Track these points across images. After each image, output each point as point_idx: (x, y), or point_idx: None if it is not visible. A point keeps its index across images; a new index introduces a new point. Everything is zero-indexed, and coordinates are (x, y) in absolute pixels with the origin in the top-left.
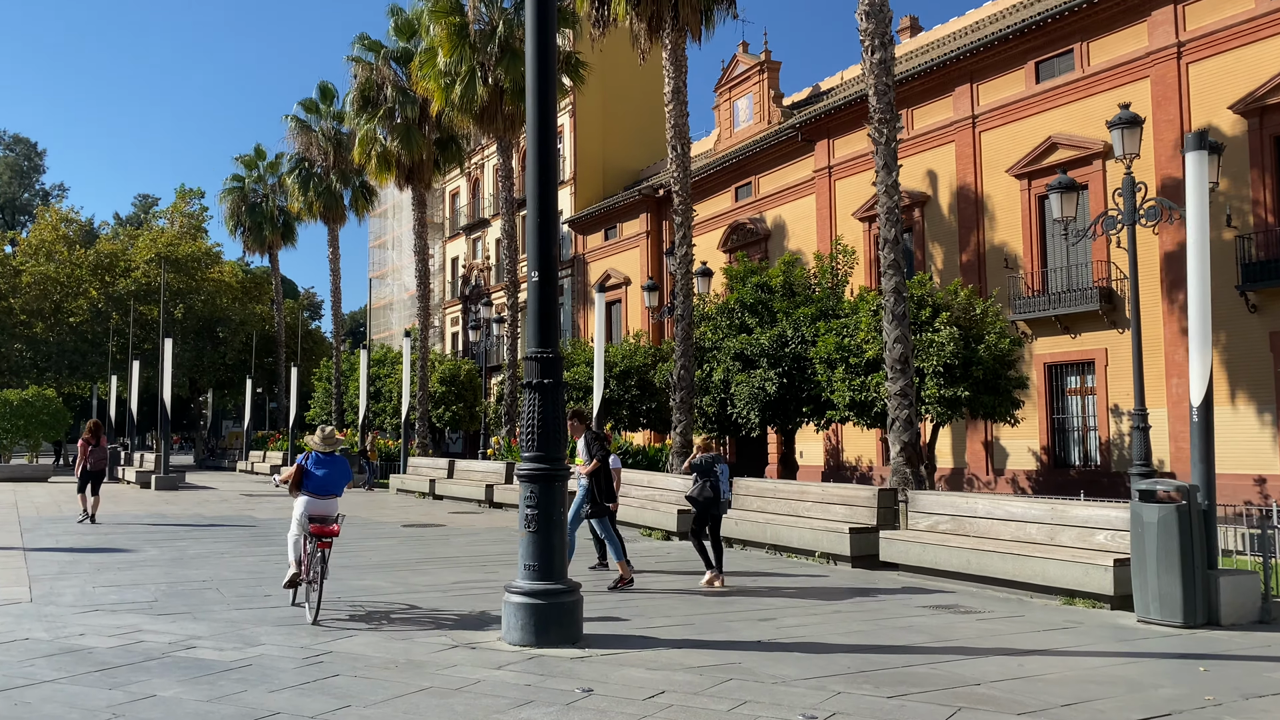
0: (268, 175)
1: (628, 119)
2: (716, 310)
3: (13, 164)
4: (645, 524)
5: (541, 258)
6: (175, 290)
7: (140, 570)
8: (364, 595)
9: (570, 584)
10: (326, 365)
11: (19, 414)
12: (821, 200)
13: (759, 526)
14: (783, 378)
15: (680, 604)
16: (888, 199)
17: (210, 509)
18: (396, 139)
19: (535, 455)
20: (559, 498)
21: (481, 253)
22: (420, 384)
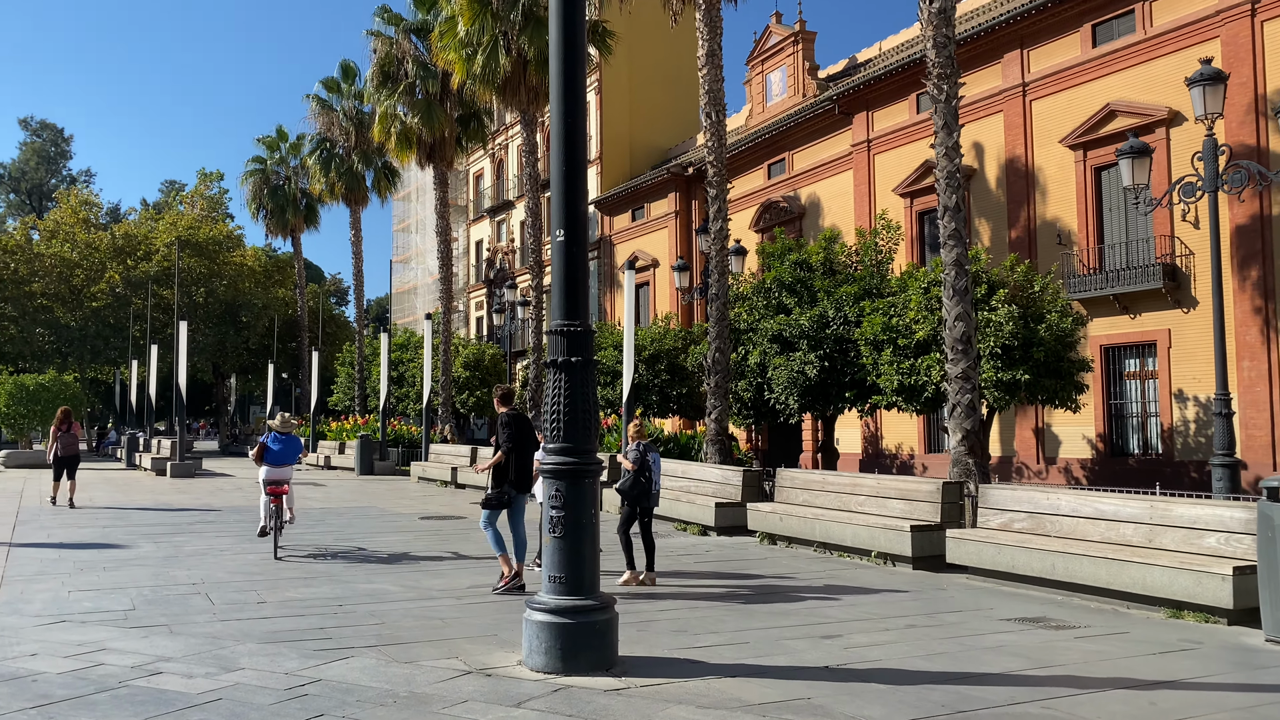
0: (290, 157)
1: (655, 96)
2: (752, 290)
3: (39, 150)
4: (680, 517)
5: (568, 215)
6: (197, 274)
7: (126, 570)
8: (368, 602)
9: (603, 599)
10: (349, 350)
11: (35, 399)
12: (860, 176)
13: (806, 523)
14: (824, 360)
15: (728, 615)
16: (948, 162)
17: (222, 498)
18: (417, 115)
19: (561, 447)
20: (590, 497)
21: (506, 235)
22: (443, 368)
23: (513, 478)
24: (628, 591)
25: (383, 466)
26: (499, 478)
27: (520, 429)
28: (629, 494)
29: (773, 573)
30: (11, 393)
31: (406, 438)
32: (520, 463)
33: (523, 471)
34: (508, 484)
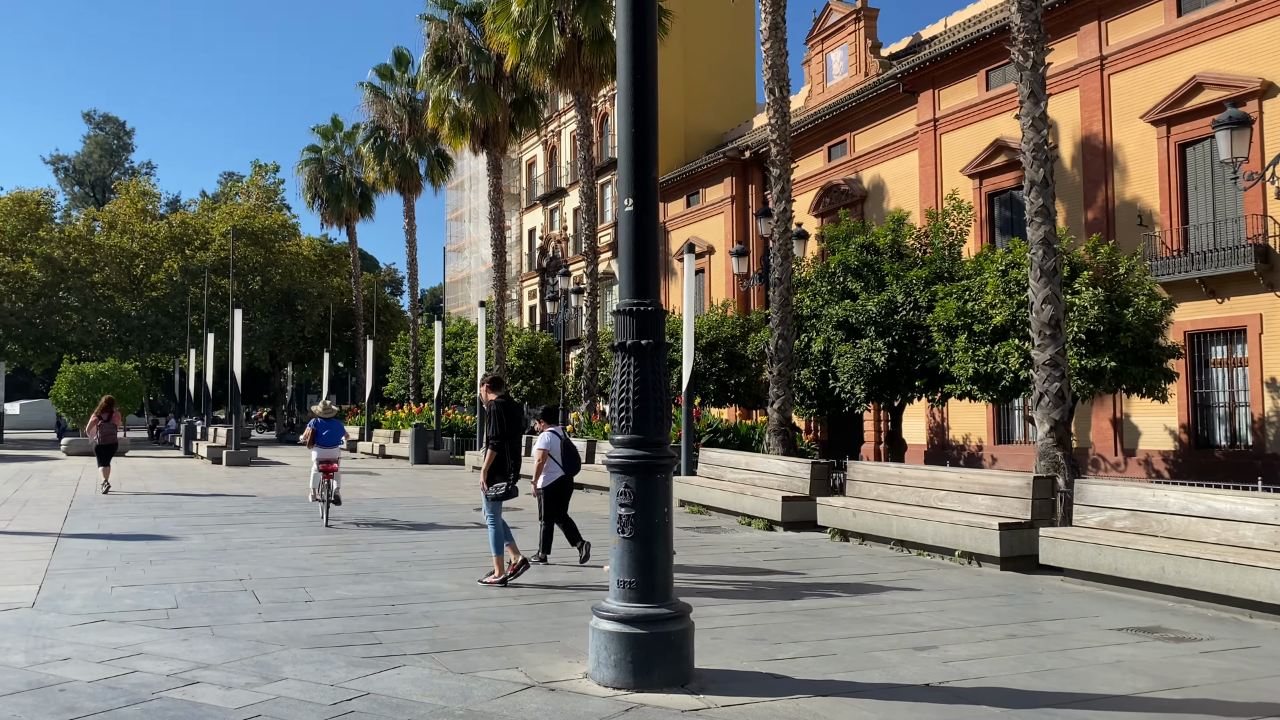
0: (344, 146)
1: (710, 80)
2: (816, 275)
3: (102, 143)
4: (744, 511)
5: (637, 181)
6: (253, 263)
7: (173, 564)
8: (422, 601)
9: (678, 606)
10: (404, 338)
11: (96, 387)
12: (925, 156)
13: (882, 519)
14: (892, 348)
15: (807, 621)
16: (1034, 134)
17: (275, 487)
18: (470, 100)
19: (630, 438)
20: (662, 494)
21: (559, 223)
22: (497, 357)
23: (512, 466)
24: (685, 587)
25: (437, 455)
26: (499, 471)
27: (510, 418)
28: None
29: (849, 573)
30: (73, 381)
31: (460, 426)
32: (518, 453)
33: (517, 461)
34: (511, 474)
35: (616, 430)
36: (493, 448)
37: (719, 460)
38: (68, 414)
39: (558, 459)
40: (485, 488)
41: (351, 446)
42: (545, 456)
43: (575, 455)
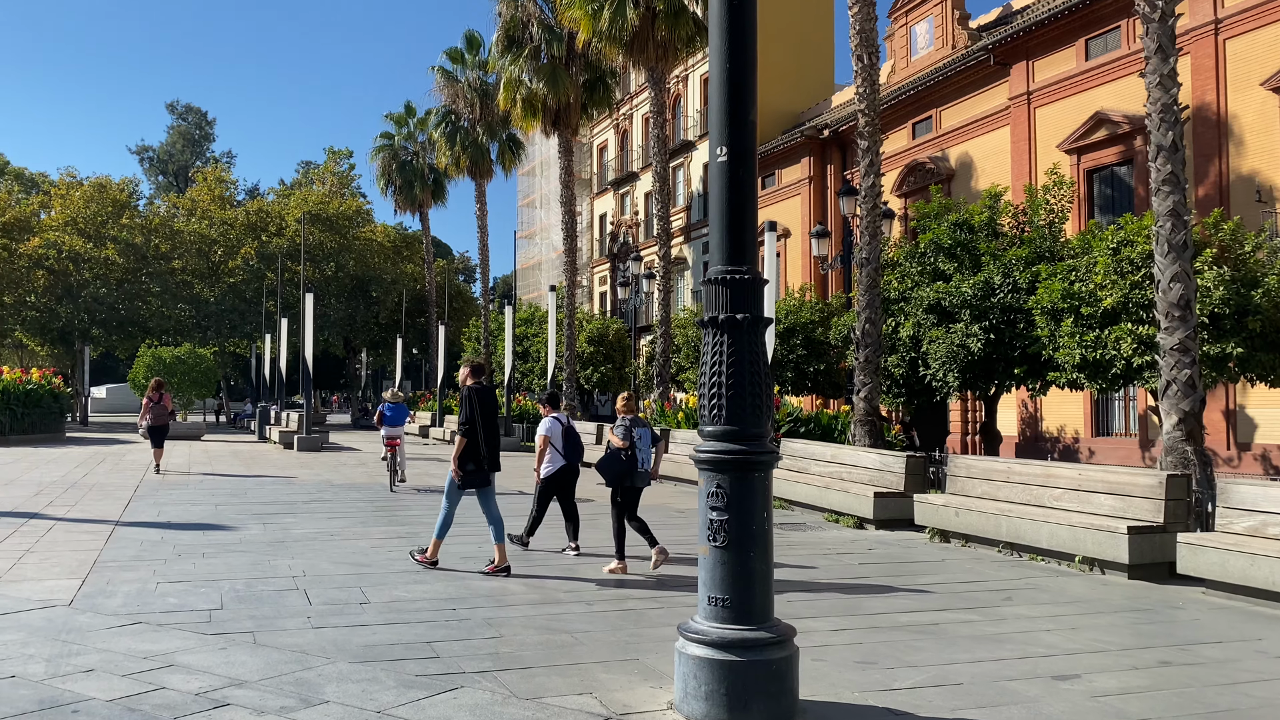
0: (417, 132)
1: (786, 57)
2: (904, 255)
3: (185, 133)
4: (831, 507)
5: (733, 126)
6: (328, 249)
7: (225, 558)
8: (486, 605)
9: (781, 629)
10: (475, 325)
11: (172, 371)
12: (1018, 132)
13: (989, 519)
14: (989, 333)
15: (921, 640)
16: (1162, 93)
17: (343, 474)
18: (542, 80)
19: (723, 430)
20: (762, 496)
21: (630, 208)
22: (567, 343)
23: (485, 454)
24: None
25: (507, 443)
26: (470, 457)
27: (483, 403)
28: (609, 472)
29: (958, 579)
30: (150, 365)
31: (531, 413)
32: (492, 440)
33: (494, 449)
34: (483, 461)
35: (706, 420)
36: (463, 434)
37: (802, 451)
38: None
39: (559, 446)
40: (456, 474)
41: (423, 432)
42: (547, 443)
43: (578, 443)
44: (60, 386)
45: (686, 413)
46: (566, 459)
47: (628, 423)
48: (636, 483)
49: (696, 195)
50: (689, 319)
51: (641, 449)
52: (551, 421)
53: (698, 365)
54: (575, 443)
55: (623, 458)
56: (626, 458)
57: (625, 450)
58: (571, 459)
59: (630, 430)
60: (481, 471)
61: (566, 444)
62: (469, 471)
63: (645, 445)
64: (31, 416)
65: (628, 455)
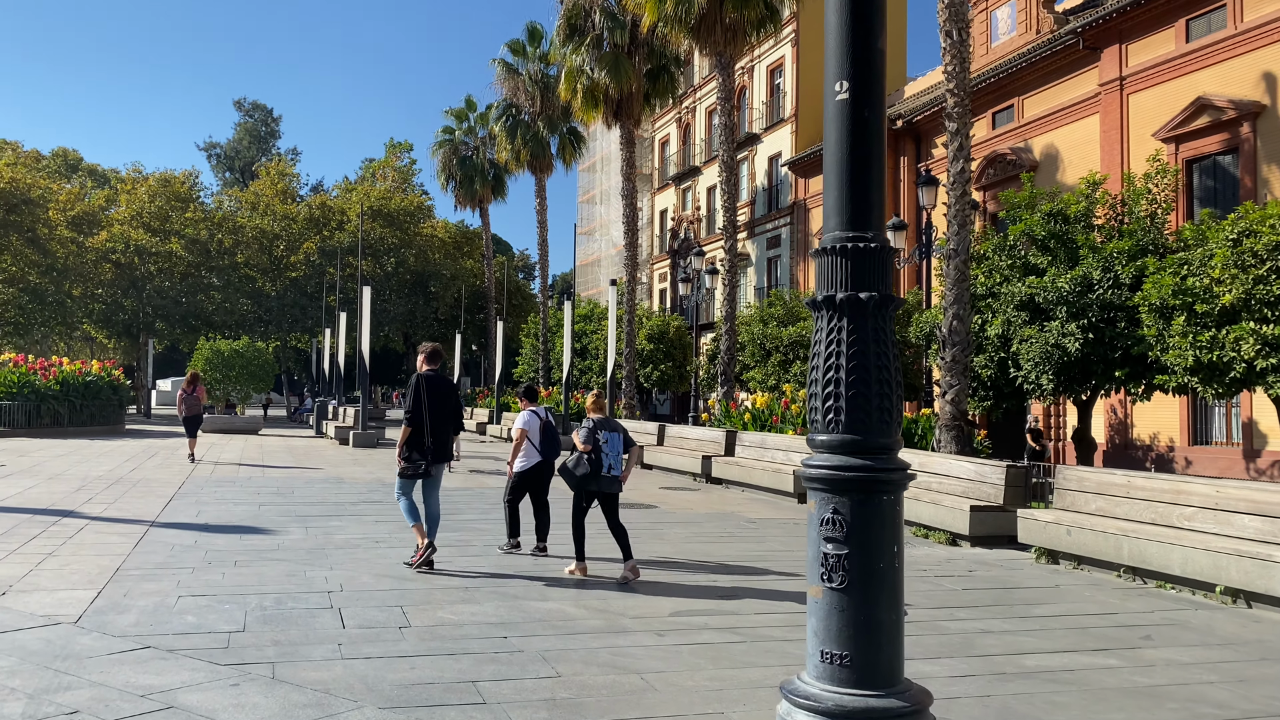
0: (478, 127)
1: None
2: (992, 248)
3: (251, 130)
4: (919, 521)
5: (856, 52)
6: (388, 244)
7: (259, 567)
8: (541, 632)
9: (913, 696)
10: (534, 321)
11: (230, 364)
12: (1109, 120)
13: (1108, 540)
14: (1086, 331)
15: (1058, 692)
16: None
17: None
18: (604, 69)
19: (841, 440)
20: (890, 525)
21: (692, 203)
22: (627, 340)
23: (430, 444)
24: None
25: (566, 442)
26: (414, 446)
27: (431, 392)
28: (569, 476)
29: (1082, 611)
30: (208, 358)
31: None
32: (438, 429)
33: (441, 439)
34: (427, 451)
35: (819, 427)
36: (407, 422)
37: None
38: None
39: (536, 442)
40: (400, 464)
41: (480, 429)
42: (524, 437)
43: (555, 439)
44: (120, 378)
45: (754, 414)
46: (543, 455)
47: (592, 424)
48: (602, 487)
49: (760, 189)
50: (754, 315)
51: (609, 453)
52: (529, 415)
53: (763, 364)
54: (553, 439)
55: (584, 461)
56: (590, 461)
57: (587, 454)
58: (548, 455)
59: (594, 433)
60: (425, 462)
61: (544, 439)
62: (412, 461)
63: (614, 449)
64: (91, 408)
65: (590, 459)
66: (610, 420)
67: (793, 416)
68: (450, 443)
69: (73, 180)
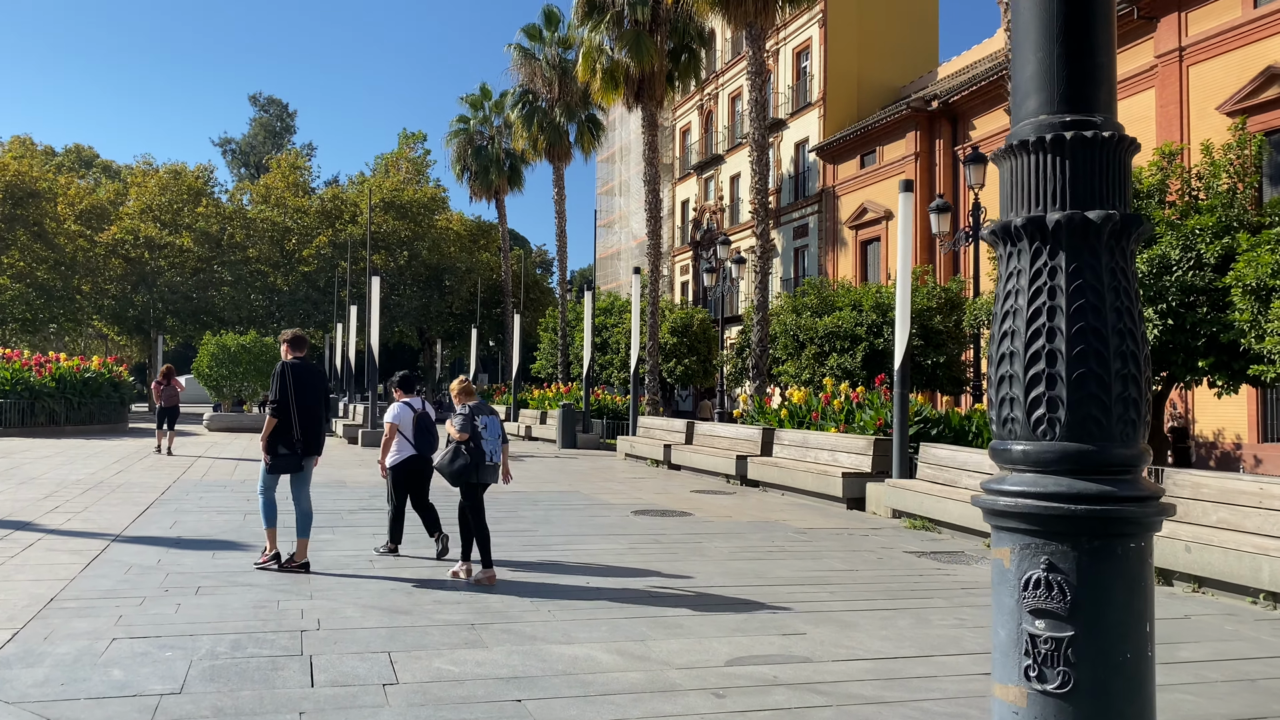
0: (493, 115)
1: (887, 29)
2: None
3: (266, 125)
4: (987, 530)
5: None
6: (401, 237)
7: (224, 596)
8: (563, 690)
9: None
10: (552, 314)
11: (236, 360)
12: (1166, 94)
13: (1239, 559)
14: (1165, 317)
15: None
16: None
17: None
18: (625, 47)
19: (1059, 452)
20: (1139, 592)
21: (715, 193)
22: (650, 333)
23: (299, 437)
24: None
25: (585, 440)
26: (281, 439)
27: (297, 381)
28: (450, 470)
29: (1237, 655)
30: (214, 354)
31: (611, 408)
32: (307, 420)
33: (311, 430)
34: (296, 445)
35: (1016, 429)
36: (272, 413)
37: (948, 459)
38: (209, 387)
39: (409, 435)
40: (265, 459)
41: None
42: (394, 431)
43: (431, 432)
44: (124, 375)
45: (790, 409)
46: (416, 449)
47: (468, 411)
48: (484, 478)
49: (786, 177)
50: (786, 306)
51: (488, 439)
52: (401, 407)
53: (796, 357)
54: (428, 432)
55: (463, 451)
56: (469, 450)
57: (466, 443)
58: (422, 449)
59: (471, 419)
60: (294, 456)
61: (417, 432)
62: (280, 456)
63: (493, 435)
64: (90, 406)
65: (470, 448)
66: (485, 405)
67: (834, 413)
68: (322, 435)
69: (87, 176)
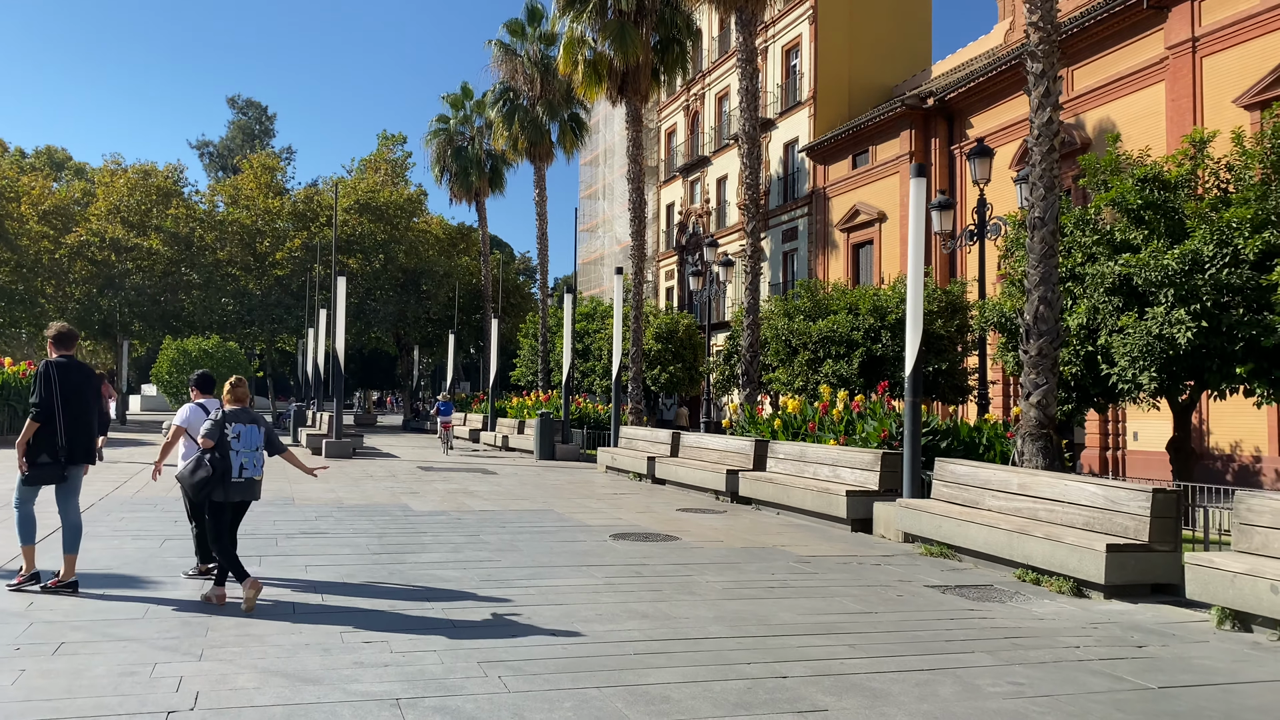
0: (474, 116)
1: (878, 25)
2: (1072, 223)
3: (245, 127)
4: (1028, 562)
5: None
6: (377, 240)
7: (91, 654)
8: None
9: None
10: (533, 320)
11: (197, 365)
12: (1177, 87)
13: None
14: (1199, 319)
15: None
16: None
17: (363, 490)
18: (609, 38)
19: None
20: None
21: (701, 196)
22: (634, 339)
23: (64, 443)
24: None
25: (565, 450)
26: (44, 446)
27: (65, 382)
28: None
29: None
30: (174, 359)
31: (592, 417)
32: (74, 426)
33: (78, 436)
34: (60, 452)
35: None
36: (34, 417)
37: (969, 477)
38: (168, 394)
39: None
40: (22, 466)
41: (474, 436)
42: (179, 435)
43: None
44: None
45: (784, 419)
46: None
47: (221, 416)
48: (231, 495)
49: (775, 179)
50: (777, 310)
51: (241, 450)
52: (192, 409)
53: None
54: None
55: (205, 462)
56: (211, 461)
57: (211, 452)
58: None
59: (221, 426)
60: (57, 465)
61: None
62: (40, 465)
63: (248, 446)
64: None
65: (213, 458)
66: (248, 411)
67: (833, 423)
68: (92, 441)
69: (61, 179)
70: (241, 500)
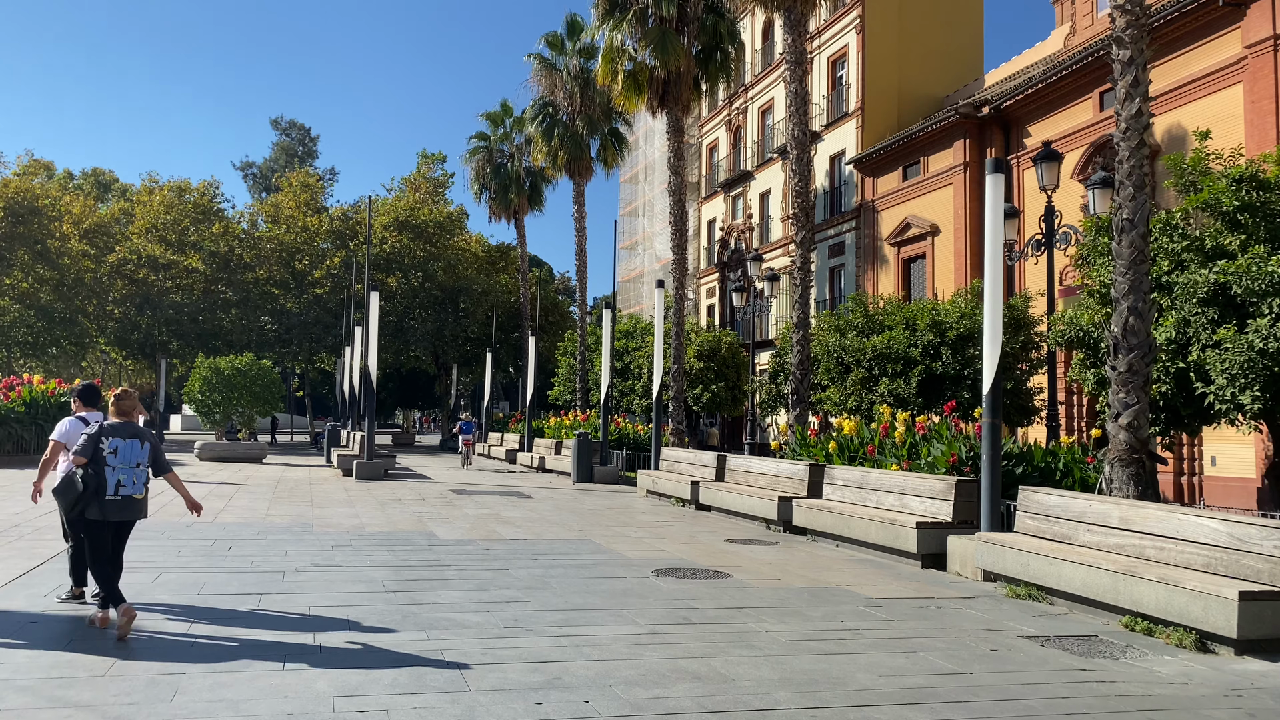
0: (514, 133)
1: (929, 37)
2: (1158, 228)
3: (288, 148)
4: (1137, 609)
5: None
6: (416, 258)
7: None
8: None
9: None
10: (571, 338)
11: (230, 384)
12: (1258, 89)
13: None
14: None
15: None
16: None
17: (388, 515)
18: (649, 45)
19: None
20: None
21: (743, 211)
22: (674, 356)
23: None
24: None
25: (603, 473)
26: None
27: None
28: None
29: None
30: (206, 378)
31: (631, 437)
32: None
33: None
34: None
35: None
36: None
37: (1059, 509)
38: (201, 414)
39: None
40: None
41: (510, 457)
42: (58, 451)
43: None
44: None
45: (840, 442)
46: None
47: (97, 430)
48: (108, 514)
49: (821, 191)
50: (828, 325)
51: (118, 466)
52: (70, 424)
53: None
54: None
55: (77, 479)
56: (84, 478)
57: (85, 468)
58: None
59: (96, 440)
60: None
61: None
62: None
63: (126, 462)
64: None
65: (86, 475)
66: (129, 425)
67: (895, 446)
68: None
69: (107, 200)
70: (121, 520)
